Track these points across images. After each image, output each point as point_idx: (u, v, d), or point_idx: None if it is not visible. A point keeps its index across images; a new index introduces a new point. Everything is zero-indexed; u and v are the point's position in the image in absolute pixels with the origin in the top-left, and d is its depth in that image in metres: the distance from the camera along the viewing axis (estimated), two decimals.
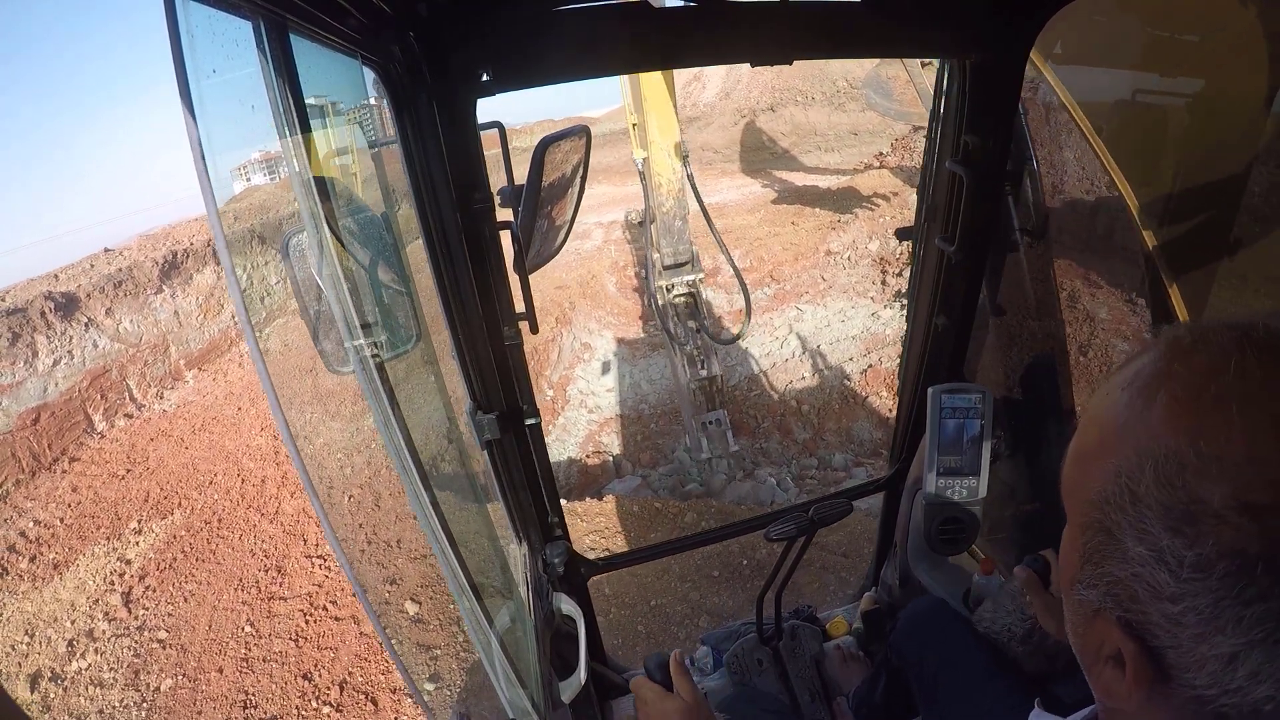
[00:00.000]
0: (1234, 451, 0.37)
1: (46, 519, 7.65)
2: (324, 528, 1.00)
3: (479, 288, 1.21)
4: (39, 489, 8.30)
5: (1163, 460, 0.39)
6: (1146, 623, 0.41)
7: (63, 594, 6.22)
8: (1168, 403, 0.40)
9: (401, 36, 0.96)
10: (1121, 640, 0.43)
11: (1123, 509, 0.41)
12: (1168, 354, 0.43)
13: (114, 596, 5.94)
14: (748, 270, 10.25)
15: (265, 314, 12.04)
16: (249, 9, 0.65)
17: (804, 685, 1.85)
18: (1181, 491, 0.38)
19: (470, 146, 1.09)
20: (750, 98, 21.56)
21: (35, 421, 8.86)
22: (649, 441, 7.83)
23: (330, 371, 0.92)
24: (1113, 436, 0.44)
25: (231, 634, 5.17)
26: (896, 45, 1.29)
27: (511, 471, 1.47)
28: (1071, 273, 1.79)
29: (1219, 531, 0.36)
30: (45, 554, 6.99)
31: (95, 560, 6.59)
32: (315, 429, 7.26)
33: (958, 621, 1.36)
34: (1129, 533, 0.41)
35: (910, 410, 1.85)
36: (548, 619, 1.51)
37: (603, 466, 7.49)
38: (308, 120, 0.72)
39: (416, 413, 1.05)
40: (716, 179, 17.43)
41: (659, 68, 1.31)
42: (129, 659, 5.22)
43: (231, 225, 12.26)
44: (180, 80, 0.55)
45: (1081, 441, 0.47)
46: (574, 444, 7.95)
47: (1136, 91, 1.54)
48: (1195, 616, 0.38)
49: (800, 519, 1.57)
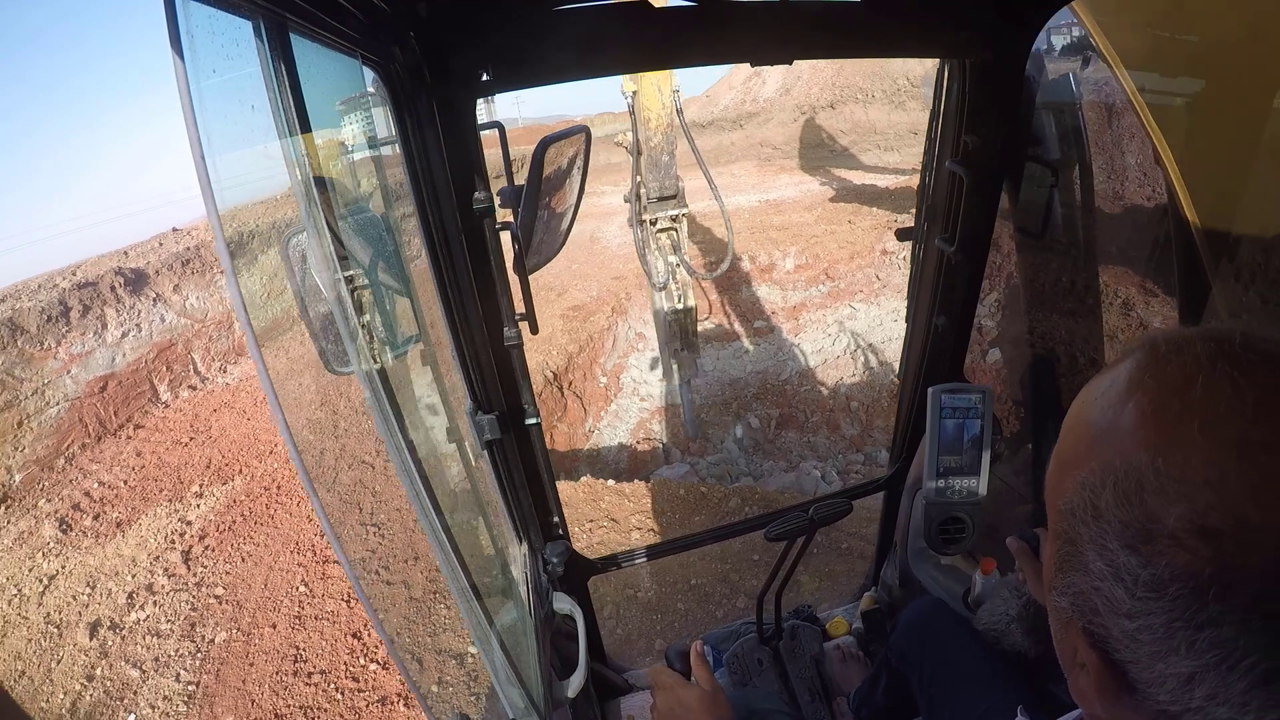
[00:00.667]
0: (1192, 473, 0.36)
1: (110, 481, 7.91)
2: (324, 527, 1.00)
3: (479, 288, 1.21)
4: (104, 453, 8.65)
5: (1123, 476, 0.39)
6: (1108, 636, 0.41)
7: (124, 550, 6.42)
8: (1135, 415, 0.40)
9: (401, 36, 0.96)
10: (1085, 651, 0.43)
11: (1085, 522, 0.41)
12: (1142, 363, 0.42)
13: (174, 554, 6.13)
14: (803, 267, 10.33)
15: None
16: (249, 9, 0.65)
17: (804, 685, 1.85)
18: (1138, 510, 0.38)
19: (470, 146, 1.09)
20: (810, 94, 21.21)
21: (103, 389, 9.25)
22: (699, 431, 7.93)
23: (330, 371, 0.92)
24: (1084, 446, 0.43)
25: (286, 593, 5.31)
26: (897, 45, 1.29)
27: (512, 471, 1.47)
28: (1109, 273, 1.77)
29: (1172, 553, 0.36)
30: (108, 513, 7.23)
31: (157, 520, 6.80)
32: (318, 427, 7.32)
33: (957, 622, 1.36)
34: (1090, 546, 0.41)
35: (910, 410, 1.85)
36: (548, 619, 1.51)
37: (652, 453, 7.63)
38: (308, 120, 0.72)
39: (416, 413, 1.05)
40: (775, 175, 17.40)
41: (659, 67, 1.31)
42: (186, 612, 5.41)
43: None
44: (180, 80, 0.55)
45: (1059, 448, 0.47)
46: (625, 430, 8.10)
47: (1193, 90, 1.49)
48: (1150, 635, 0.38)
49: (800, 519, 1.57)
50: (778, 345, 9.41)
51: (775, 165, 18.75)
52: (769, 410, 8.05)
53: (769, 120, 21.04)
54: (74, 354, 9.45)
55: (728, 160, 20.03)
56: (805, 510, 1.58)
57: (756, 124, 21.17)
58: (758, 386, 8.58)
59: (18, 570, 6.50)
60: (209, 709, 4.48)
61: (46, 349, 9.28)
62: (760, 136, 20.49)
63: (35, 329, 9.27)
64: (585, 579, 1.78)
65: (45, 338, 9.33)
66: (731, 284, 10.70)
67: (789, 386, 8.41)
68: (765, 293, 10.47)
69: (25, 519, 7.46)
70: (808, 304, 10.02)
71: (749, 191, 15.64)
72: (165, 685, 4.75)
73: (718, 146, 20.80)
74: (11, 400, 8.57)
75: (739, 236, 11.44)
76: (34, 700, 4.94)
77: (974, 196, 1.42)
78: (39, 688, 5.04)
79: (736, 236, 11.65)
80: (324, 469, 6.59)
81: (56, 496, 7.80)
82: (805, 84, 21.80)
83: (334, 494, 6.22)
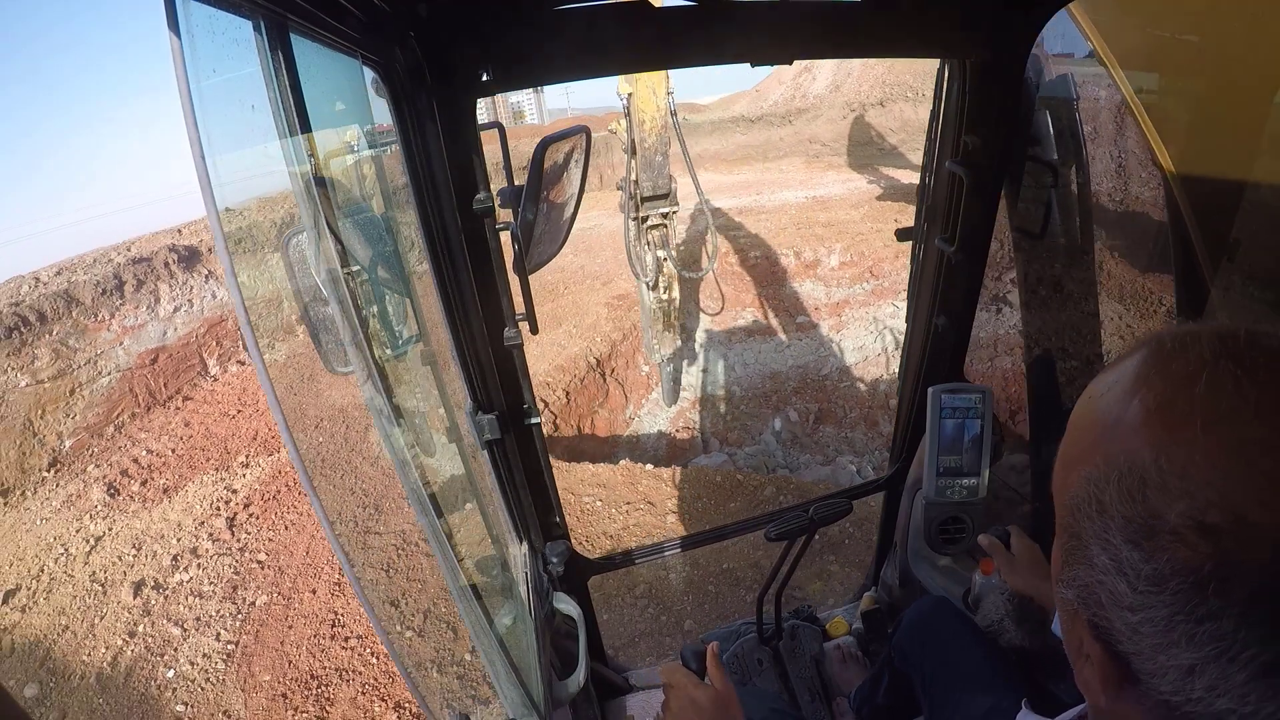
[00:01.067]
0: (1194, 471, 0.37)
1: (159, 449, 8.10)
2: (324, 527, 1.00)
3: (479, 288, 1.21)
4: (153, 422, 8.93)
5: (1127, 472, 0.40)
6: (1111, 628, 0.42)
7: (170, 515, 6.55)
8: (1139, 412, 0.41)
9: (401, 36, 0.96)
10: (1089, 643, 0.44)
11: (1090, 517, 0.42)
12: (1148, 359, 0.43)
13: (219, 520, 6.23)
14: (848, 264, 10.39)
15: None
16: (249, 8, 0.65)
17: (804, 685, 1.85)
18: (1141, 506, 0.38)
19: (470, 146, 1.09)
20: (860, 92, 20.84)
21: (154, 361, 9.61)
22: (738, 422, 8.02)
23: (330, 371, 0.92)
24: (1089, 441, 0.44)
25: (326, 560, 5.39)
26: (897, 45, 1.29)
27: (512, 471, 1.47)
28: (1109, 272, 1.77)
29: (1174, 549, 0.37)
30: (156, 479, 7.41)
31: (203, 488, 6.90)
32: (319, 426, 7.36)
33: (961, 621, 1.36)
34: (1094, 540, 0.41)
35: (910, 410, 1.85)
36: (548, 619, 1.51)
37: (691, 442, 7.72)
38: (308, 120, 0.72)
39: (416, 412, 1.05)
40: (822, 172, 17.25)
41: (659, 67, 1.31)
42: (229, 575, 5.51)
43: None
44: (180, 79, 0.55)
45: (1065, 443, 0.48)
46: (665, 419, 8.20)
47: (1183, 84, 1.49)
48: (1152, 628, 0.39)
49: (800, 519, 1.57)
50: (819, 341, 9.47)
51: (823, 162, 18.53)
52: (808, 404, 8.13)
53: (818, 117, 20.77)
54: (127, 326, 9.81)
55: (776, 156, 19.76)
56: (805, 510, 1.58)
57: (805, 120, 20.86)
58: (798, 381, 8.65)
59: (65, 530, 6.66)
60: (247, 667, 4.58)
61: (100, 320, 9.59)
62: (809, 133, 20.18)
63: (90, 301, 9.57)
64: (585, 579, 1.78)
65: (100, 310, 9.63)
66: (775, 279, 10.76)
67: (829, 382, 8.49)
68: (809, 289, 10.52)
69: (74, 483, 7.66)
70: (851, 301, 10.05)
71: (796, 188, 15.50)
72: (205, 643, 4.86)
73: (766, 142, 20.55)
74: (65, 369, 8.87)
75: (785, 231, 11.66)
76: (76, 654, 5.03)
77: (974, 196, 1.42)
78: (81, 641, 5.14)
79: (782, 231, 11.81)
80: (325, 468, 6.61)
81: (105, 462, 8.00)
82: (855, 81, 21.58)
83: (334, 493, 6.23)
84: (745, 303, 10.56)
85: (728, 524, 1.97)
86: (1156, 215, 1.57)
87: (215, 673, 4.61)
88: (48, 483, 7.89)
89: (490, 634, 1.03)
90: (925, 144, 1.56)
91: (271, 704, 4.27)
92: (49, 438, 8.36)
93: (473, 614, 1.00)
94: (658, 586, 4.61)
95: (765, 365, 9.07)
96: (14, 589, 5.92)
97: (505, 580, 1.42)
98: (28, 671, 4.98)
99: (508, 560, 1.49)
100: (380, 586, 5.17)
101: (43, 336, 8.93)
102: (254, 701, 4.33)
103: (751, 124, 21.41)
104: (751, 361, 9.16)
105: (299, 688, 4.34)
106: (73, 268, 10.26)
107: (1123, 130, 1.63)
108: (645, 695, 1.99)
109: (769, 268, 10.86)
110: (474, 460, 1.38)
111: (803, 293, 10.49)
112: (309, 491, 0.86)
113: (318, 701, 4.24)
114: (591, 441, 7.81)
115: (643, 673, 2.13)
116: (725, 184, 16.46)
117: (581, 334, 8.89)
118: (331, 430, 7.29)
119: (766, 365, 9.08)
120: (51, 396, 8.63)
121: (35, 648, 5.19)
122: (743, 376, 8.87)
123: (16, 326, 8.70)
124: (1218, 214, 1.41)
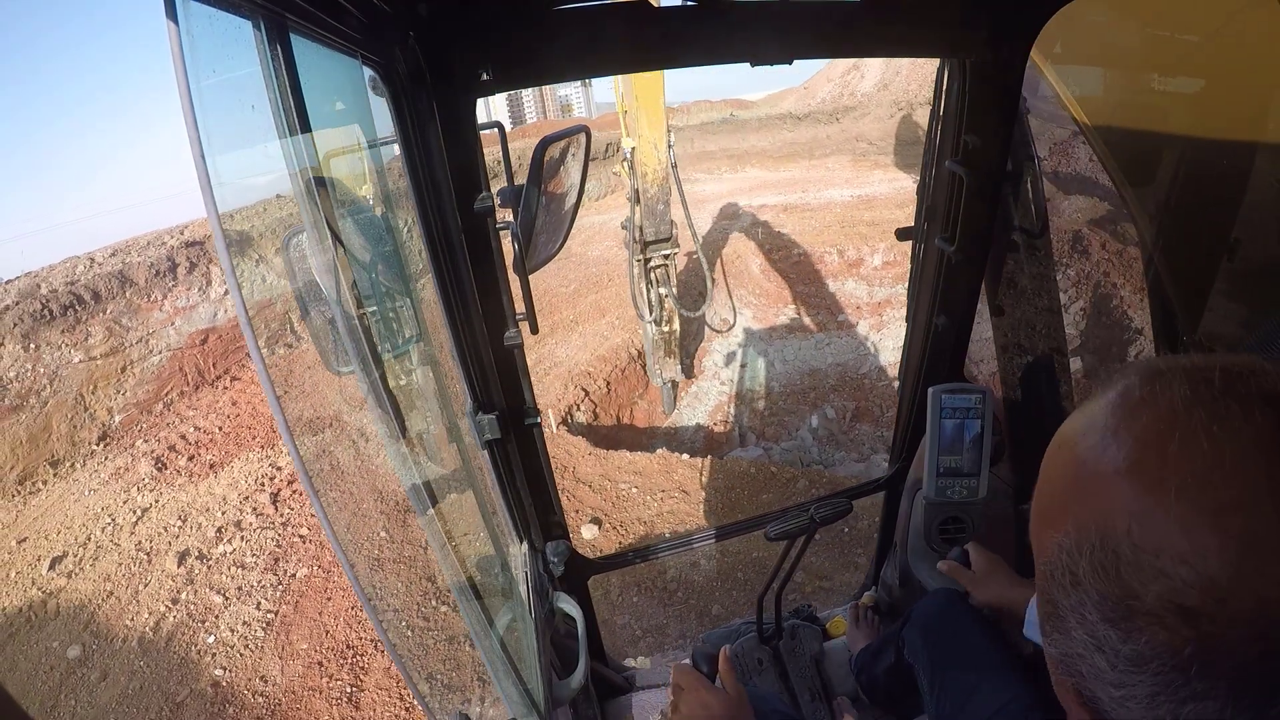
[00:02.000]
0: (1169, 544, 0.35)
1: (206, 426, 8.33)
2: (323, 527, 1.00)
3: (479, 288, 1.21)
4: (201, 401, 9.22)
5: (1099, 545, 0.37)
6: (1097, 697, 0.40)
7: (216, 490, 6.71)
8: (1109, 475, 0.38)
9: (401, 36, 0.96)
10: (1076, 710, 0.43)
11: (1064, 588, 0.40)
12: (1118, 409, 0.40)
13: (263, 496, 6.39)
14: (891, 264, 10.45)
15: None
16: (249, 8, 0.65)
17: (804, 685, 1.85)
18: (1116, 584, 0.36)
19: (470, 146, 1.09)
20: (909, 90, 20.89)
21: (204, 342, 9.95)
22: (775, 418, 8.10)
23: (330, 371, 0.92)
24: (1060, 501, 0.42)
25: (367, 538, 5.50)
26: (897, 45, 1.29)
27: (512, 471, 1.47)
28: (1071, 271, 1.79)
29: (1152, 631, 0.35)
30: (202, 455, 7.65)
31: (249, 464, 7.07)
32: (320, 426, 7.39)
33: (972, 618, 1.34)
34: (1071, 614, 0.40)
35: (910, 410, 1.85)
36: (548, 619, 1.51)
37: (728, 435, 7.86)
38: (308, 120, 0.72)
39: (416, 412, 1.05)
40: (869, 171, 17.29)
41: (659, 67, 1.31)
42: (271, 548, 5.67)
43: None
44: (180, 79, 0.55)
45: (1038, 495, 0.46)
46: (704, 411, 8.36)
47: (1136, 91, 1.54)
48: (1137, 704, 0.37)
49: (800, 519, 1.57)
50: (859, 339, 9.52)
51: (870, 161, 18.54)
52: (845, 402, 8.17)
53: (865, 115, 20.80)
54: (179, 307, 10.11)
55: (822, 154, 19.81)
56: (806, 510, 1.58)
57: (853, 118, 20.88)
58: (836, 378, 8.71)
59: (113, 501, 6.86)
60: (285, 636, 4.72)
61: (153, 301, 9.89)
62: (856, 131, 20.21)
63: (144, 282, 9.86)
64: (585, 579, 1.78)
65: (153, 290, 9.93)
66: (818, 277, 10.85)
67: (867, 380, 8.53)
68: (851, 287, 10.61)
69: (123, 456, 7.92)
70: (893, 300, 10.08)
71: (842, 186, 15.59)
72: (246, 612, 5.00)
73: (813, 139, 20.57)
74: (117, 346, 9.18)
75: (829, 230, 11.77)
76: (119, 618, 5.16)
77: (974, 196, 1.42)
78: (125, 607, 5.28)
79: (827, 229, 11.93)
80: (325, 468, 6.64)
81: (154, 438, 8.24)
82: (904, 80, 21.49)
83: (335, 493, 6.25)
84: (786, 300, 10.68)
85: (728, 524, 1.97)
86: (1157, 216, 1.58)
87: (254, 640, 4.75)
88: (96, 455, 8.13)
89: (490, 634, 1.04)
90: (925, 144, 1.56)
91: (308, 671, 4.40)
92: (99, 412, 8.61)
93: (473, 613, 1.00)
94: (686, 573, 4.72)
95: (805, 362, 9.15)
96: (60, 555, 6.08)
97: (505, 580, 1.42)
98: (71, 634, 5.11)
99: (508, 560, 1.49)
100: (380, 585, 5.19)
101: (96, 315, 9.18)
102: (290, 668, 4.45)
103: (799, 121, 21.46)
104: (791, 358, 9.25)
105: (335, 656, 4.46)
106: (127, 249, 10.53)
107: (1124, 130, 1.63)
108: (645, 695, 1.99)
109: (812, 266, 10.97)
110: (474, 460, 1.38)
111: (845, 291, 10.60)
112: (309, 492, 0.86)
113: (352, 670, 4.36)
114: (630, 431, 7.94)
115: (643, 672, 2.13)
116: (771, 181, 16.61)
117: (624, 325, 9.03)
118: (333, 429, 7.34)
119: (806, 362, 9.16)
120: (104, 373, 8.88)
121: (79, 612, 5.33)
122: (782, 373, 8.98)
123: (71, 304, 8.92)
124: (1218, 214, 1.41)
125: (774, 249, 11.63)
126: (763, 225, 12.95)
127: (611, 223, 14.39)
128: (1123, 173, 1.55)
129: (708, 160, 19.79)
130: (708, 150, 20.40)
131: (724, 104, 25.95)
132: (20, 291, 8.84)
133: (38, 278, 9.50)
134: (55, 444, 8.04)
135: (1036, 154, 1.46)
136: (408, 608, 4.85)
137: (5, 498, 7.38)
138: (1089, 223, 5.68)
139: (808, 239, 11.60)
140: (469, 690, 4.18)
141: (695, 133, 21.46)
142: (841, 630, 2.06)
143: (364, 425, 6.75)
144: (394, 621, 4.69)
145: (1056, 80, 1.52)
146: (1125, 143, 1.56)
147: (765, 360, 9.36)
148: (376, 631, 5.04)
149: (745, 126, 21.60)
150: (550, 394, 7.46)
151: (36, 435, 7.92)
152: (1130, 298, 5.24)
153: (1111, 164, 1.55)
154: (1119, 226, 5.15)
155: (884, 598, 2.09)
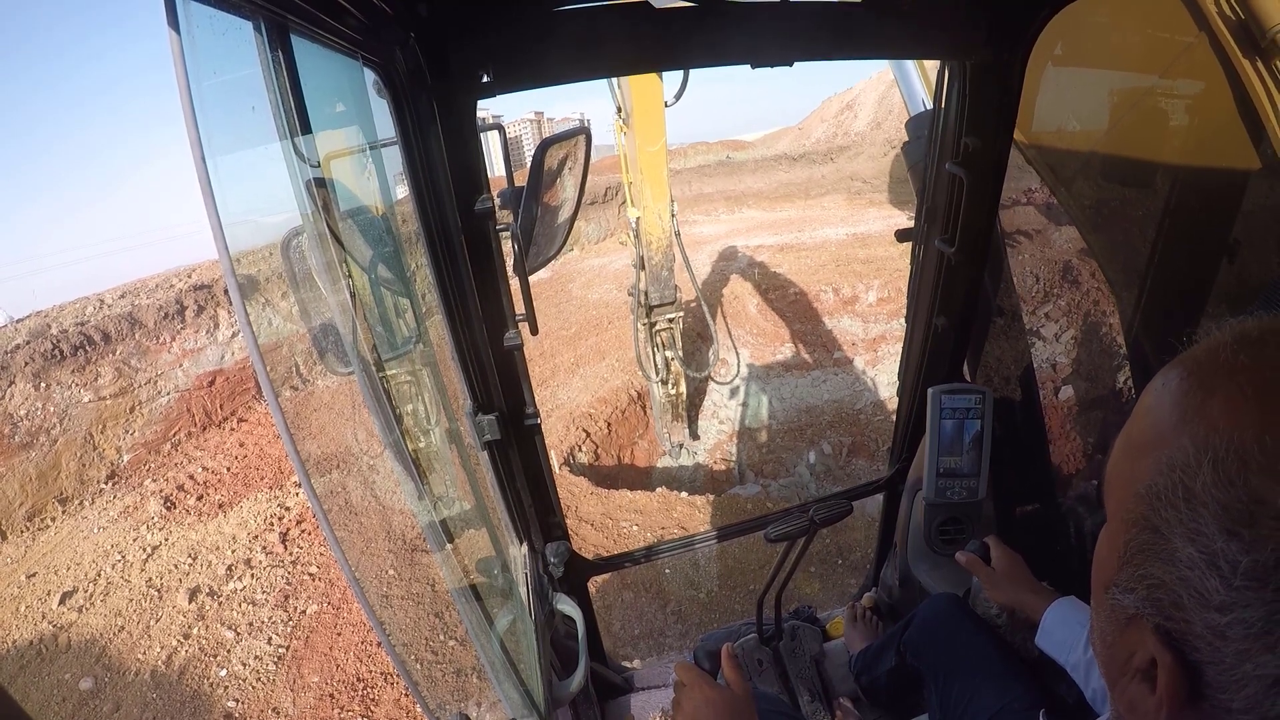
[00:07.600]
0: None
1: (214, 466, 8.39)
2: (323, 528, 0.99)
3: (479, 289, 1.21)
4: (208, 441, 9.29)
5: (1224, 455, 0.36)
6: (1187, 633, 0.38)
7: (225, 529, 6.77)
8: (1232, 394, 0.37)
9: (402, 37, 0.96)
10: (1157, 650, 0.39)
11: (1174, 505, 0.38)
12: (1234, 345, 0.39)
13: (272, 534, 6.46)
14: (885, 301, 10.63)
15: None
16: (249, 9, 0.65)
17: (804, 685, 1.85)
18: (1242, 490, 0.34)
19: (470, 147, 1.09)
20: (901, 129, 21.17)
21: (211, 384, 10.00)
22: (773, 455, 8.17)
23: (331, 372, 0.92)
24: (1168, 427, 0.40)
25: (375, 575, 5.55)
26: (897, 46, 1.29)
27: (512, 472, 1.47)
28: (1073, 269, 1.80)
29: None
30: (211, 495, 7.68)
31: (257, 504, 7.12)
32: (320, 427, 7.43)
33: (974, 620, 1.34)
34: (1179, 532, 0.37)
35: (910, 410, 1.85)
36: (548, 619, 1.51)
37: (727, 473, 7.95)
38: (308, 120, 0.72)
39: (416, 413, 1.05)
40: (864, 209, 17.43)
41: (659, 68, 1.31)
42: (280, 585, 5.74)
43: None
44: (181, 80, 0.55)
45: (1132, 431, 0.43)
46: (703, 450, 8.45)
47: (1137, 92, 1.54)
48: (1243, 630, 0.35)
49: (800, 520, 1.57)
50: (855, 375, 9.60)
51: (864, 199, 18.73)
52: (842, 438, 8.21)
53: (859, 154, 21.04)
54: (187, 349, 10.23)
55: (818, 193, 19.99)
56: (805, 510, 1.58)
57: (847, 158, 21.13)
58: (833, 414, 8.77)
59: (122, 539, 6.89)
60: (296, 669, 4.77)
61: (161, 343, 10.03)
62: (850, 170, 20.41)
63: (152, 324, 10.01)
64: (585, 579, 1.78)
65: (161, 332, 10.07)
66: (814, 315, 10.95)
67: (863, 416, 8.59)
68: (847, 324, 10.72)
69: (131, 495, 7.95)
70: (887, 336, 10.17)
71: (837, 224, 15.79)
72: (257, 647, 5.05)
73: (808, 179, 20.75)
74: (126, 387, 9.28)
75: (824, 268, 11.93)
76: (131, 652, 5.20)
77: (974, 197, 1.42)
78: (137, 641, 5.32)
79: (822, 268, 12.08)
80: (325, 468, 6.63)
81: (162, 477, 8.31)
82: (896, 118, 21.65)
83: (335, 493, 6.25)
84: (783, 338, 10.76)
85: (728, 525, 1.97)
86: (1157, 216, 1.58)
87: (266, 673, 4.80)
88: (105, 494, 8.20)
89: (490, 634, 1.04)
90: (925, 144, 1.56)
91: (319, 703, 4.46)
92: (108, 451, 8.70)
93: (473, 614, 1.00)
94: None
95: (801, 399, 9.21)
96: (70, 590, 6.12)
97: (505, 581, 1.42)
98: (83, 667, 5.14)
99: (507, 561, 1.49)
100: (380, 586, 5.20)
101: (106, 355, 9.29)
102: (302, 701, 4.51)
103: (794, 161, 21.72)
104: (788, 395, 9.31)
105: (345, 689, 4.52)
106: (136, 291, 10.79)
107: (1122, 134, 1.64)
108: (645, 695, 1.99)
109: (808, 304, 11.06)
110: (474, 461, 1.38)
111: (840, 328, 10.69)
112: (308, 493, 0.86)
113: (363, 702, 4.41)
114: (631, 471, 7.98)
115: (643, 672, 2.13)
116: (768, 221, 16.78)
117: (624, 368, 9.09)
118: (333, 430, 7.37)
119: (803, 399, 9.22)
120: (112, 413, 8.98)
121: (91, 645, 5.37)
122: (779, 410, 9.07)
123: (82, 345, 9.04)
124: (1218, 214, 1.41)
125: (770, 289, 11.72)
126: (759, 265, 13.09)
127: (610, 266, 14.47)
128: (1120, 175, 1.55)
129: (705, 202, 19.80)
130: (705, 192, 20.41)
131: (720, 145, 26.05)
132: (31, 331, 9.03)
133: (48, 317, 9.73)
134: (64, 481, 8.11)
135: None
136: (408, 608, 4.86)
137: (14, 533, 7.43)
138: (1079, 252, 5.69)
139: (804, 278, 11.71)
140: (469, 691, 4.19)
141: (692, 175, 21.59)
142: (841, 631, 2.06)
143: (370, 447, 6.81)
144: (394, 622, 4.72)
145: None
146: (1125, 147, 1.56)
147: (763, 398, 9.42)
148: (377, 632, 5.05)
149: (742, 168, 21.74)
150: (553, 435, 7.48)
151: (46, 473, 8.02)
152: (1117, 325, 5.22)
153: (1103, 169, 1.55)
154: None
155: (884, 598, 2.09)
